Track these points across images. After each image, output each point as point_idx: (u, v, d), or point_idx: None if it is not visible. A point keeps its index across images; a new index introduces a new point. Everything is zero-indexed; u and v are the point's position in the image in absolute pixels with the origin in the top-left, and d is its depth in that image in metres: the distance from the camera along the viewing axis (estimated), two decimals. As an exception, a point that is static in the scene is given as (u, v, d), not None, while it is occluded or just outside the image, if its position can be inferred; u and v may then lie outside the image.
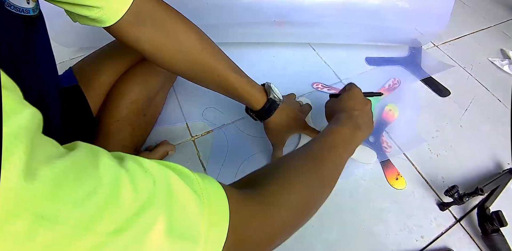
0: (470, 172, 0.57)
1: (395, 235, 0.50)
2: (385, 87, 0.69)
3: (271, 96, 0.46)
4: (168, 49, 0.38)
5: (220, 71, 0.41)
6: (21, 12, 0.27)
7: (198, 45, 0.39)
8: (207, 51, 0.40)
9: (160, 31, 0.37)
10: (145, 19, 0.35)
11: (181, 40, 0.38)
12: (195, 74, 0.42)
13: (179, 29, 0.38)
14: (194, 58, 0.39)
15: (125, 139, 0.48)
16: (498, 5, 0.93)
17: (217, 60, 0.41)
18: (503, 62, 0.76)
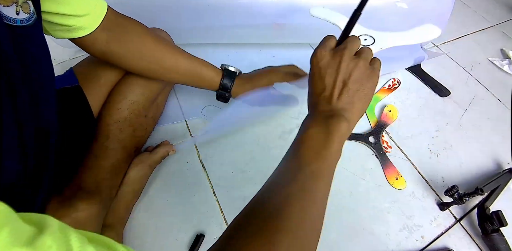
0: (470, 172, 0.57)
1: (395, 235, 0.50)
2: (385, 87, 0.69)
3: (228, 68, 0.51)
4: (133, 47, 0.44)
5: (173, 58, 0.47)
6: (8, 21, 0.28)
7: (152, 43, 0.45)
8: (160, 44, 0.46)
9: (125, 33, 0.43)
10: (112, 26, 0.42)
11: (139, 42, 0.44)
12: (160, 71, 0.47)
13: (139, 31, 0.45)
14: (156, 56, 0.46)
15: (125, 140, 0.48)
16: (498, 5, 0.93)
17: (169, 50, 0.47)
18: (503, 62, 0.76)
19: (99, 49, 0.42)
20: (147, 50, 0.45)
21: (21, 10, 0.30)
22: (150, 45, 0.45)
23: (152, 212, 0.51)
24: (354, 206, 0.52)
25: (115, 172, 0.47)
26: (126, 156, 0.49)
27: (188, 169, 0.56)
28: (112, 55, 0.44)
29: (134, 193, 0.50)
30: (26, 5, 0.30)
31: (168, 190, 0.53)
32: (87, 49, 0.43)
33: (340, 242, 0.49)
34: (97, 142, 0.46)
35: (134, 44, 0.44)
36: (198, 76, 0.49)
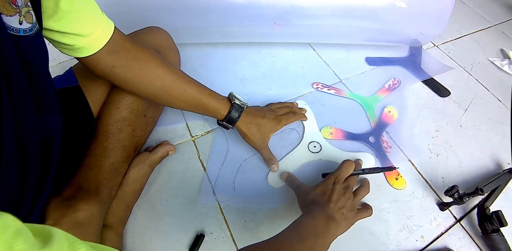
0: (470, 172, 0.57)
1: (395, 235, 0.50)
2: (385, 87, 0.69)
3: (235, 101, 0.50)
4: (139, 72, 0.43)
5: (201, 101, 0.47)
6: (11, 31, 0.28)
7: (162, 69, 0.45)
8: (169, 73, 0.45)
9: (131, 58, 0.42)
10: (118, 49, 0.41)
11: (148, 65, 0.44)
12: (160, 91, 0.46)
13: (146, 56, 0.44)
14: (161, 80, 0.45)
15: (125, 139, 0.48)
16: (498, 5, 0.93)
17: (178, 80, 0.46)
18: (503, 62, 0.76)
19: (103, 71, 0.41)
20: (156, 78, 0.44)
21: (24, 20, 0.30)
22: (159, 73, 0.44)
23: (152, 212, 0.51)
24: (354, 206, 0.52)
25: (115, 171, 0.47)
26: (125, 155, 0.49)
27: (188, 169, 0.56)
28: (117, 79, 0.43)
29: (134, 193, 0.50)
30: (28, 15, 0.30)
31: (168, 190, 0.53)
32: (91, 69, 0.42)
33: (340, 242, 0.49)
34: (97, 141, 0.46)
35: (141, 71, 0.43)
36: (205, 107, 0.49)
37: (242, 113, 0.50)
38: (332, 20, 0.65)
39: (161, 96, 0.46)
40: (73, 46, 0.37)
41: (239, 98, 0.51)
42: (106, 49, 0.39)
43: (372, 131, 0.61)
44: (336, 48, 0.76)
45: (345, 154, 0.57)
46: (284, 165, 0.56)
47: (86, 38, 0.36)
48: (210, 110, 0.49)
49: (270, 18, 0.64)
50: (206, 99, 0.48)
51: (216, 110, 0.49)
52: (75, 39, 0.36)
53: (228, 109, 0.49)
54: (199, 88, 0.48)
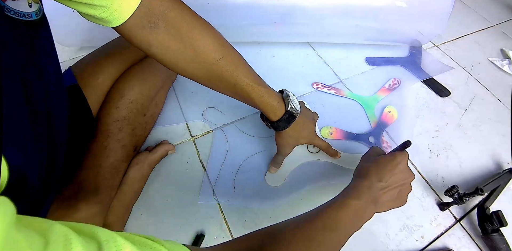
0: (470, 172, 0.57)
1: (395, 235, 0.50)
2: (385, 87, 0.69)
3: (289, 108, 0.43)
4: (181, 56, 0.35)
5: (237, 80, 0.39)
6: (23, 17, 0.26)
7: (215, 53, 0.36)
8: (224, 60, 0.37)
9: (173, 36, 0.34)
10: (157, 21, 0.32)
11: (196, 47, 0.35)
12: (210, 82, 0.40)
13: (195, 35, 0.35)
14: (209, 67, 0.37)
15: (124, 139, 0.48)
16: (498, 5, 0.93)
17: (235, 70, 0.38)
18: (503, 62, 0.76)
19: (140, 48, 0.35)
20: (201, 67, 0.37)
21: (32, 1, 0.26)
22: (207, 63, 0.36)
23: (152, 212, 0.51)
24: (354, 206, 0.52)
25: (115, 171, 0.47)
26: (125, 155, 0.49)
27: (188, 169, 0.56)
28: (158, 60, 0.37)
29: (133, 193, 0.50)
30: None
31: (168, 190, 0.53)
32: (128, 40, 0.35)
33: (340, 242, 0.49)
34: (96, 141, 0.46)
35: (183, 57, 0.36)
36: (255, 106, 0.43)
37: (293, 122, 0.44)
38: (332, 20, 0.65)
39: (206, 84, 0.41)
40: (95, 16, 0.31)
41: (293, 102, 0.44)
42: (136, 20, 0.32)
43: (372, 131, 0.61)
44: (336, 48, 0.76)
45: (344, 154, 0.57)
46: (283, 164, 0.55)
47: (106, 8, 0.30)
48: (259, 109, 0.44)
49: (270, 18, 0.64)
50: (258, 99, 0.41)
51: (267, 113, 0.44)
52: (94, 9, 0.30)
53: (280, 116, 0.43)
54: (254, 85, 0.40)
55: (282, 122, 0.44)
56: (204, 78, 0.39)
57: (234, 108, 0.64)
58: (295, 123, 0.45)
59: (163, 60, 0.36)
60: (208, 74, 0.38)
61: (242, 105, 0.64)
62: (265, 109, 0.43)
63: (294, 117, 0.44)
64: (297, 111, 0.44)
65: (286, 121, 0.44)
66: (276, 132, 0.48)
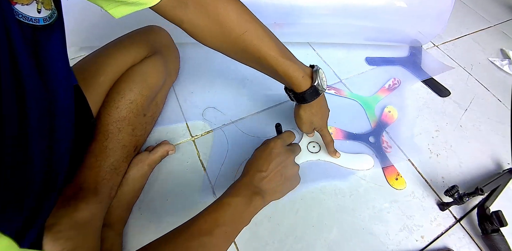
0: (470, 172, 0.57)
1: (395, 235, 0.50)
2: (385, 87, 0.69)
3: (315, 83, 0.43)
4: (209, 32, 0.39)
5: (261, 53, 0.41)
6: (30, 21, 0.26)
7: (239, 28, 0.39)
8: (248, 34, 0.39)
9: (201, 14, 0.37)
10: (186, 1, 0.36)
11: (222, 23, 0.38)
12: (236, 55, 0.43)
13: (220, 12, 0.38)
14: (234, 41, 0.40)
15: (124, 139, 0.48)
16: (498, 5, 0.93)
17: (258, 43, 0.40)
18: (503, 62, 0.76)
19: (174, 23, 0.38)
20: (230, 35, 0.39)
21: (43, 7, 0.27)
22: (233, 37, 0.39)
23: (152, 212, 0.51)
24: (354, 206, 0.52)
25: (115, 171, 0.47)
26: (125, 155, 0.49)
27: (188, 168, 0.56)
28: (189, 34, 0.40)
29: (133, 193, 0.50)
30: (47, 1, 0.28)
31: (168, 190, 0.53)
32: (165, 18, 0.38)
33: (340, 242, 0.49)
34: (97, 141, 0.46)
35: (211, 32, 0.39)
36: (281, 78, 0.44)
37: (317, 98, 0.45)
38: (332, 20, 0.65)
39: (234, 57, 0.44)
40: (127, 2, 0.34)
41: (321, 79, 0.44)
42: (167, 2, 0.35)
43: (372, 131, 0.61)
44: (336, 48, 0.76)
45: (344, 155, 0.57)
46: None
47: None
48: (283, 82, 0.45)
49: (270, 18, 0.64)
50: (282, 72, 0.42)
51: (290, 86, 0.44)
52: None
53: (304, 90, 0.43)
54: (279, 58, 0.41)
55: (306, 95, 0.44)
56: (230, 51, 0.42)
57: (234, 108, 0.64)
58: (316, 102, 0.46)
59: (193, 34, 0.40)
60: (233, 48, 0.41)
61: (242, 105, 0.65)
62: (289, 81, 0.43)
63: (318, 94, 0.45)
64: (323, 89, 0.45)
65: (310, 95, 0.44)
66: (296, 106, 0.49)
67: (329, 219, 0.51)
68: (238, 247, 0.48)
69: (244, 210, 0.36)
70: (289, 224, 0.50)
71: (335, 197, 0.53)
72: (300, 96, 0.45)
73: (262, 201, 0.37)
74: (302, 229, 0.50)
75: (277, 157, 0.41)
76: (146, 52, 0.54)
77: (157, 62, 0.53)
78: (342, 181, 0.55)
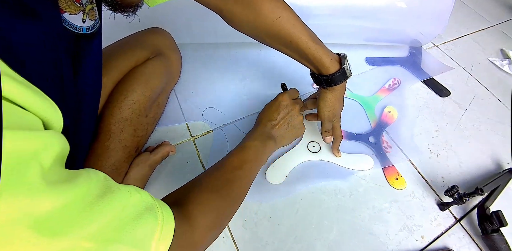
0: (470, 172, 0.57)
1: (395, 235, 0.50)
2: (385, 87, 0.69)
3: (344, 66, 0.45)
4: (246, 19, 0.43)
5: (292, 38, 0.44)
6: (74, 29, 0.28)
7: (272, 14, 0.43)
8: (281, 19, 0.43)
9: (239, 3, 0.42)
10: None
11: (258, 11, 0.42)
12: (269, 39, 0.46)
13: (256, 1, 0.42)
14: (268, 27, 0.43)
15: (126, 139, 0.48)
16: (498, 5, 0.93)
17: (290, 28, 0.44)
18: (503, 62, 0.76)
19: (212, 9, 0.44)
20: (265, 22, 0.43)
21: (88, 17, 0.30)
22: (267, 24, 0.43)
23: (152, 212, 0.51)
24: (354, 206, 0.52)
25: (116, 171, 0.47)
26: (127, 155, 0.49)
27: (188, 169, 0.56)
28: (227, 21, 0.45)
29: (134, 193, 0.51)
30: (92, 12, 0.30)
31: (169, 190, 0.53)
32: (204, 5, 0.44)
33: (340, 242, 0.49)
34: (98, 141, 0.46)
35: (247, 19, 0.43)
36: (310, 62, 0.46)
37: (342, 82, 0.46)
38: (332, 20, 0.65)
39: (265, 42, 0.47)
40: None
41: (348, 64, 0.47)
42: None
43: (372, 131, 0.61)
44: (336, 48, 0.76)
45: (344, 155, 0.57)
46: (282, 162, 0.56)
47: None
48: (312, 66, 0.47)
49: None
50: (312, 55, 0.45)
51: (319, 69, 0.46)
52: None
53: (333, 71, 0.45)
54: (310, 42, 0.44)
55: (336, 77, 0.46)
56: (263, 36, 0.46)
57: (234, 108, 0.64)
58: (341, 87, 0.48)
59: (231, 21, 0.45)
60: (267, 33, 0.44)
61: (242, 105, 0.65)
62: (319, 64, 0.46)
63: (346, 77, 0.46)
64: (350, 73, 0.47)
65: (339, 77, 0.46)
66: (322, 91, 0.50)
67: (329, 219, 0.51)
68: (238, 247, 0.48)
69: (262, 151, 0.44)
70: (289, 224, 0.50)
71: (335, 197, 0.53)
72: (329, 78, 0.46)
73: (274, 144, 0.46)
74: (302, 229, 0.50)
75: (284, 108, 0.50)
76: (149, 53, 0.54)
77: (160, 64, 0.54)
78: (342, 181, 0.55)
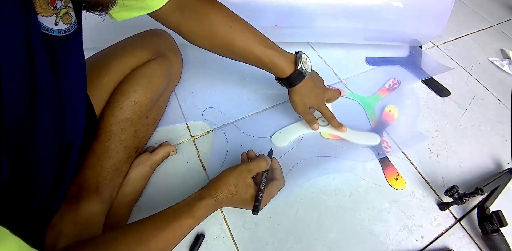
0: (470, 172, 0.57)
1: (395, 235, 0.50)
2: (385, 87, 0.69)
3: (298, 67, 0.48)
4: (202, 32, 0.46)
5: (247, 45, 0.46)
6: (45, 30, 0.29)
7: (225, 26, 0.45)
8: (234, 30, 0.46)
9: (195, 17, 0.44)
10: (182, 8, 0.43)
11: (212, 24, 0.45)
12: (225, 50, 0.48)
13: (210, 16, 0.45)
14: (223, 37, 0.46)
15: (127, 140, 0.48)
16: (498, 5, 0.93)
17: (243, 36, 0.46)
18: (503, 62, 0.76)
19: (172, 29, 0.46)
20: (218, 37, 0.46)
21: (61, 21, 0.30)
22: (222, 34, 0.46)
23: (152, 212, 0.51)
24: (354, 206, 0.52)
25: (117, 172, 0.47)
26: (127, 156, 0.49)
27: (188, 169, 0.56)
28: (185, 37, 0.47)
29: (134, 194, 0.51)
30: (67, 16, 0.31)
31: (168, 190, 0.54)
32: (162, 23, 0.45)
33: (340, 242, 0.49)
34: (99, 141, 0.46)
35: (204, 31, 0.45)
36: (266, 67, 0.49)
37: (302, 80, 0.49)
38: (332, 20, 0.65)
39: (223, 54, 0.49)
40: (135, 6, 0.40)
41: (304, 63, 0.49)
42: (168, 8, 0.42)
43: (372, 130, 0.61)
44: (336, 48, 0.76)
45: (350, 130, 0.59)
46: (289, 130, 0.60)
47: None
48: (269, 70, 0.50)
49: (270, 18, 0.64)
50: (267, 60, 0.48)
51: (276, 72, 0.50)
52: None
53: (289, 74, 0.49)
54: (263, 48, 0.47)
55: (292, 79, 0.49)
56: (220, 47, 0.48)
57: (234, 108, 0.64)
58: (304, 83, 0.50)
59: (189, 37, 0.46)
60: (223, 43, 0.47)
61: (242, 105, 0.65)
62: (274, 68, 0.49)
63: (303, 76, 0.49)
64: (307, 72, 0.49)
65: (295, 79, 0.49)
66: (289, 91, 0.53)
67: (329, 219, 0.51)
68: (238, 247, 0.48)
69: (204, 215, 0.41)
70: (289, 224, 0.50)
71: (335, 197, 0.53)
72: (287, 81, 0.50)
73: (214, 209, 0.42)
74: (302, 229, 0.50)
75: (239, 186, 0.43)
76: (150, 54, 0.54)
77: (161, 65, 0.54)
78: (342, 181, 0.55)
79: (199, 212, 0.40)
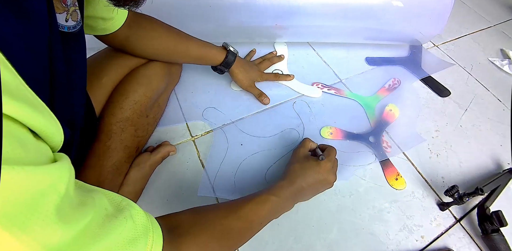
0: (470, 172, 0.57)
1: (395, 235, 0.50)
2: (385, 87, 0.69)
3: (229, 48, 0.59)
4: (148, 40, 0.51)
5: (188, 47, 0.55)
6: (61, 28, 0.31)
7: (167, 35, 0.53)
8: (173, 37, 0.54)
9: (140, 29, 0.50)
10: (133, 25, 0.48)
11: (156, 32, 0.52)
12: (171, 54, 0.55)
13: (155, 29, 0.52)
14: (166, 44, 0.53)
15: (127, 140, 0.48)
16: (498, 5, 0.93)
17: (184, 40, 0.55)
18: (503, 62, 0.76)
19: (120, 43, 0.49)
20: (161, 41, 0.52)
21: (70, 18, 0.33)
22: (164, 38, 0.52)
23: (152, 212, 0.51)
24: (354, 206, 0.52)
25: (117, 171, 0.47)
26: (127, 156, 0.49)
27: (188, 169, 0.56)
28: (131, 47, 0.51)
29: (134, 193, 0.51)
30: (75, 14, 0.33)
31: (168, 190, 0.54)
32: (109, 43, 0.50)
33: (340, 242, 0.49)
34: (99, 141, 0.46)
35: (149, 37, 0.51)
36: (206, 57, 0.57)
37: (235, 58, 0.59)
38: (332, 20, 0.65)
39: (168, 56, 0.55)
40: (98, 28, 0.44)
41: (232, 47, 0.60)
42: (123, 28, 0.47)
43: (372, 130, 0.61)
44: (336, 48, 0.76)
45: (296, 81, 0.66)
46: None
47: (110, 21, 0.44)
48: (210, 59, 0.58)
49: (270, 18, 0.64)
50: (206, 51, 0.57)
51: (215, 58, 0.58)
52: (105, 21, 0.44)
53: (224, 55, 0.58)
54: (198, 43, 0.56)
55: (228, 60, 0.58)
56: (164, 54, 0.54)
57: (234, 108, 0.64)
58: (238, 62, 0.60)
59: (136, 48, 0.51)
60: (167, 49, 0.53)
61: (242, 105, 0.65)
62: (212, 59, 0.58)
63: (235, 55, 0.59)
64: (235, 51, 0.60)
65: (230, 59, 0.58)
66: (231, 74, 0.62)
67: (329, 219, 0.51)
68: (239, 247, 0.48)
69: (279, 210, 0.43)
70: (289, 224, 0.50)
71: (335, 197, 0.53)
72: (225, 62, 0.58)
73: (293, 204, 0.45)
74: (302, 229, 0.50)
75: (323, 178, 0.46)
76: None
77: (161, 65, 0.54)
78: (342, 181, 0.55)
79: (282, 191, 0.42)
